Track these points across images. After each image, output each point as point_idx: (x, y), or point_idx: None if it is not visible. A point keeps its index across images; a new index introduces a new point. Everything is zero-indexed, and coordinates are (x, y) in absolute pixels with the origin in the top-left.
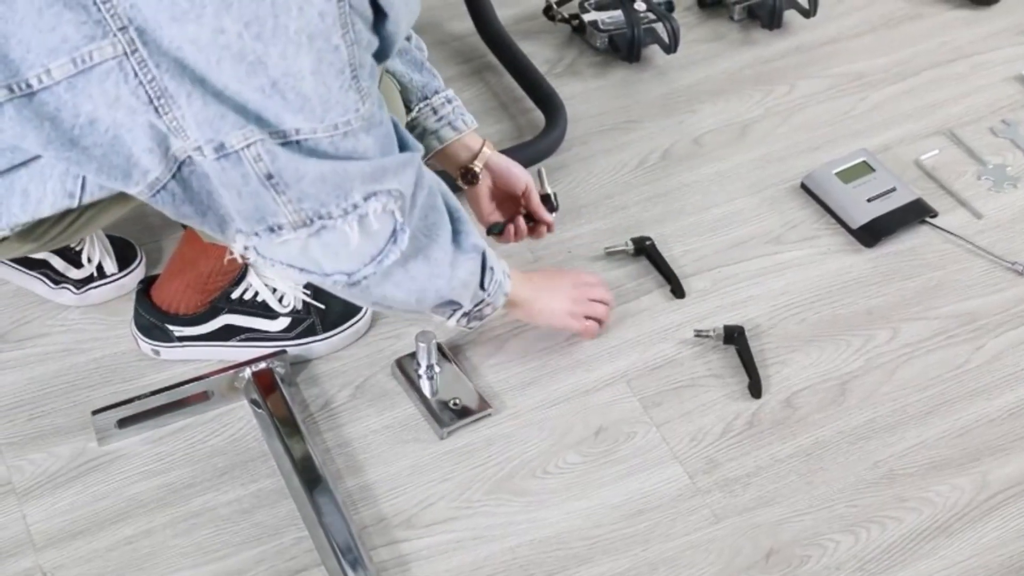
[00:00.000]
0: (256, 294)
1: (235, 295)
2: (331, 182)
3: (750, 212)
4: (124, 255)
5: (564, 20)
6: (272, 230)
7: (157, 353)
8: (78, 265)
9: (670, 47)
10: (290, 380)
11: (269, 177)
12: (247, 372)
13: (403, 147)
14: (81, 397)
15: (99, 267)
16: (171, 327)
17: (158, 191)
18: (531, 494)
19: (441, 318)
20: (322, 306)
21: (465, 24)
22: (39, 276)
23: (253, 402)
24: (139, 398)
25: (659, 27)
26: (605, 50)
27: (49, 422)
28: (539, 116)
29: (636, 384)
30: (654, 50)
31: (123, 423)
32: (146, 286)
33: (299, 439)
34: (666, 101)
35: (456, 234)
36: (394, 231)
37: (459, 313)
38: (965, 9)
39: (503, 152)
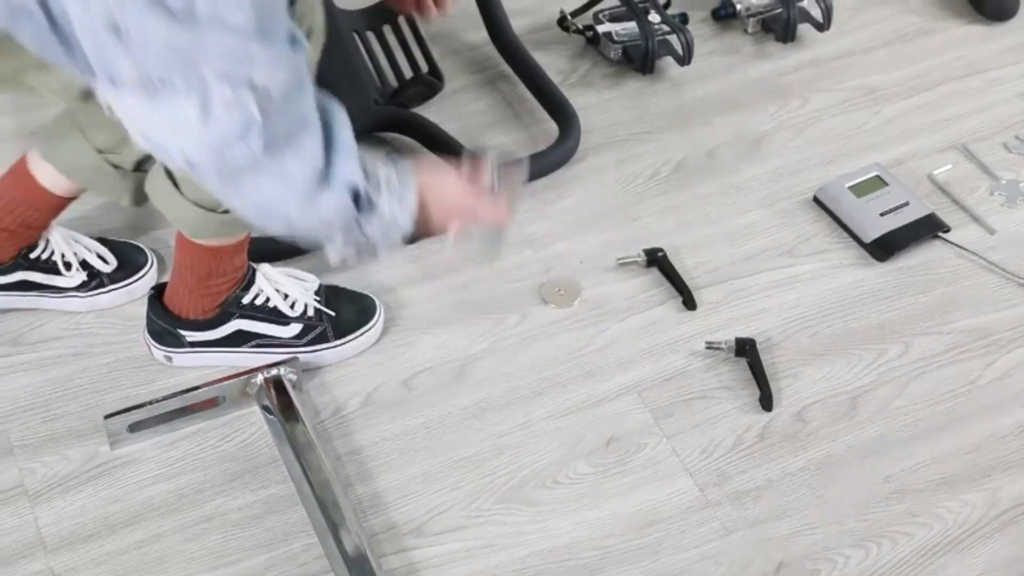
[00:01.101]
0: (268, 299)
1: (246, 300)
2: (181, 48)
3: (763, 225)
4: (132, 259)
5: (578, 31)
6: (113, 81)
7: (169, 359)
8: (56, 272)
9: (684, 59)
10: (301, 386)
11: (115, 26)
12: (259, 378)
13: (292, 42)
14: (94, 401)
15: (94, 269)
16: (183, 332)
17: (20, 15)
18: (541, 504)
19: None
20: (333, 313)
21: (480, 34)
22: (36, 295)
23: (264, 408)
24: (151, 403)
25: (673, 39)
26: (619, 61)
27: (62, 425)
28: (552, 127)
29: (647, 395)
30: (668, 62)
31: (135, 427)
32: (158, 292)
33: (310, 445)
34: (680, 113)
35: (328, 164)
36: (245, 129)
37: (334, 250)
38: (979, 24)
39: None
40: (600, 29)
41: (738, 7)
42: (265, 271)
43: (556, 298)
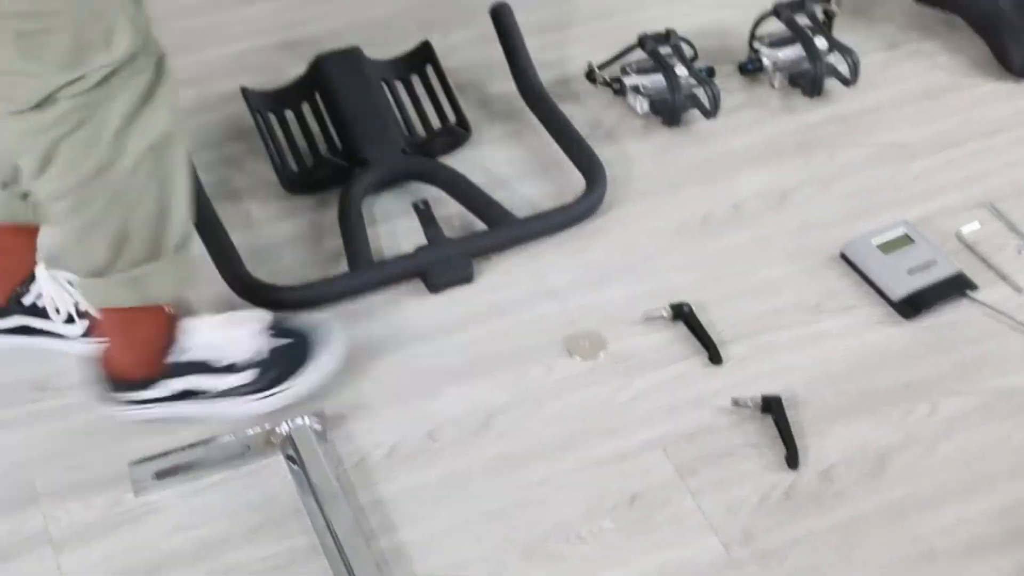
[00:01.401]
0: (200, 356)
1: (179, 359)
2: None
3: (789, 280)
4: None
5: (605, 83)
6: None
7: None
8: (48, 317)
9: (711, 112)
10: (326, 436)
11: None
12: (284, 427)
13: None
14: (119, 448)
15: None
16: (125, 392)
17: None
18: (564, 559)
19: None
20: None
21: (507, 85)
22: (41, 339)
23: (289, 458)
24: (176, 451)
25: (700, 92)
26: (646, 114)
27: (86, 472)
28: (579, 178)
29: (672, 451)
30: (695, 115)
31: (160, 475)
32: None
33: (333, 496)
34: (706, 166)
35: None
36: None
37: None
38: (1006, 82)
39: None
40: (627, 82)
41: (765, 62)
42: (195, 326)
43: (581, 350)
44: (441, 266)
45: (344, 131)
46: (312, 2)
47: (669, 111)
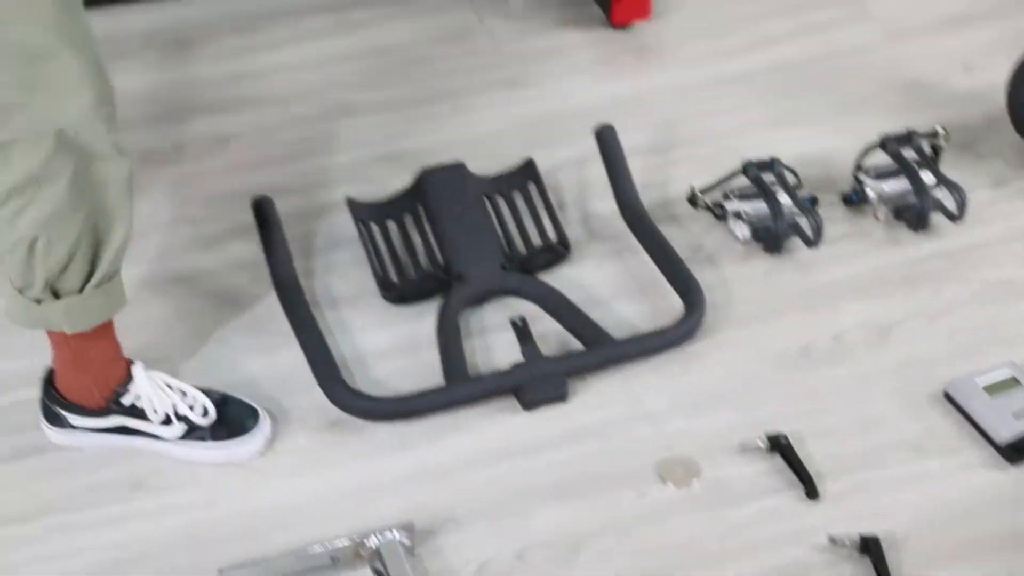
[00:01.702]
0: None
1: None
2: None
3: (890, 416)
4: (238, 417)
5: (707, 208)
6: None
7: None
8: (146, 418)
9: (813, 242)
10: (414, 551)
11: None
12: (372, 540)
13: None
14: (210, 553)
15: (191, 422)
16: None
17: None
18: None
19: None
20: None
21: (608, 204)
22: (139, 439)
23: (376, 572)
24: (266, 560)
25: (802, 221)
26: (747, 240)
27: None
28: (677, 302)
29: None
30: (796, 243)
31: None
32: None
33: None
34: (807, 295)
35: None
36: None
37: None
38: None
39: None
40: (729, 207)
41: (870, 193)
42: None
43: (674, 477)
44: (536, 384)
45: (445, 245)
46: (418, 116)
47: (771, 238)
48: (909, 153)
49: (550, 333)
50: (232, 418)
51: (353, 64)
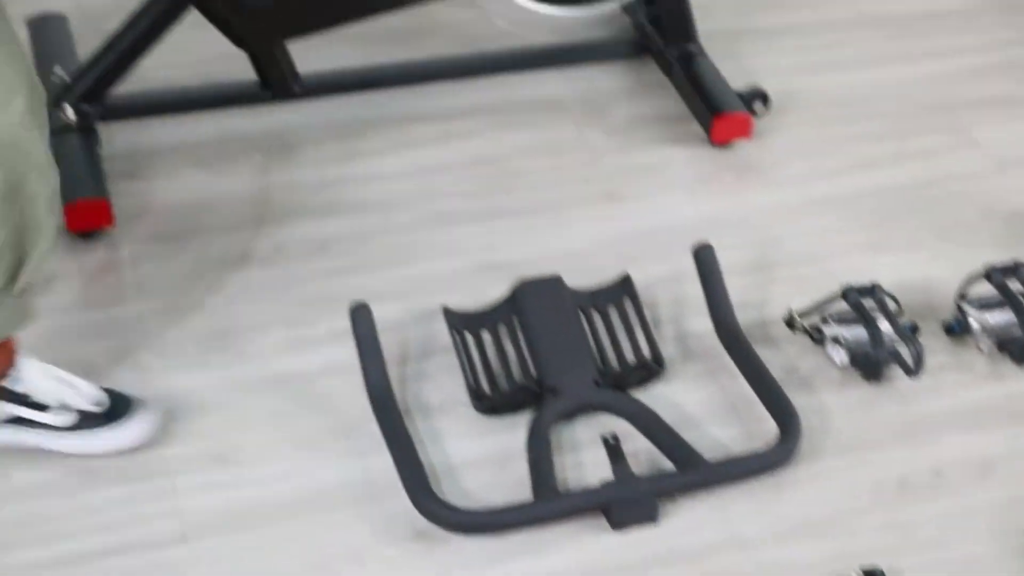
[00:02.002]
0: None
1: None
2: None
3: (992, 559)
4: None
5: (805, 331)
6: None
7: None
8: (42, 408)
9: (913, 371)
10: None
11: None
12: None
13: None
14: None
15: (84, 411)
16: None
17: None
18: None
19: None
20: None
21: (704, 323)
22: (32, 432)
23: None
24: None
25: (902, 349)
26: (845, 366)
27: None
28: (772, 426)
29: None
30: (895, 372)
31: None
32: None
33: None
34: (906, 426)
35: None
36: None
37: None
38: None
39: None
40: (827, 331)
41: (973, 324)
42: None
43: None
44: (626, 504)
45: (538, 358)
46: (516, 227)
47: (869, 365)
48: (1015, 285)
49: (642, 451)
50: (117, 407)
51: (453, 173)
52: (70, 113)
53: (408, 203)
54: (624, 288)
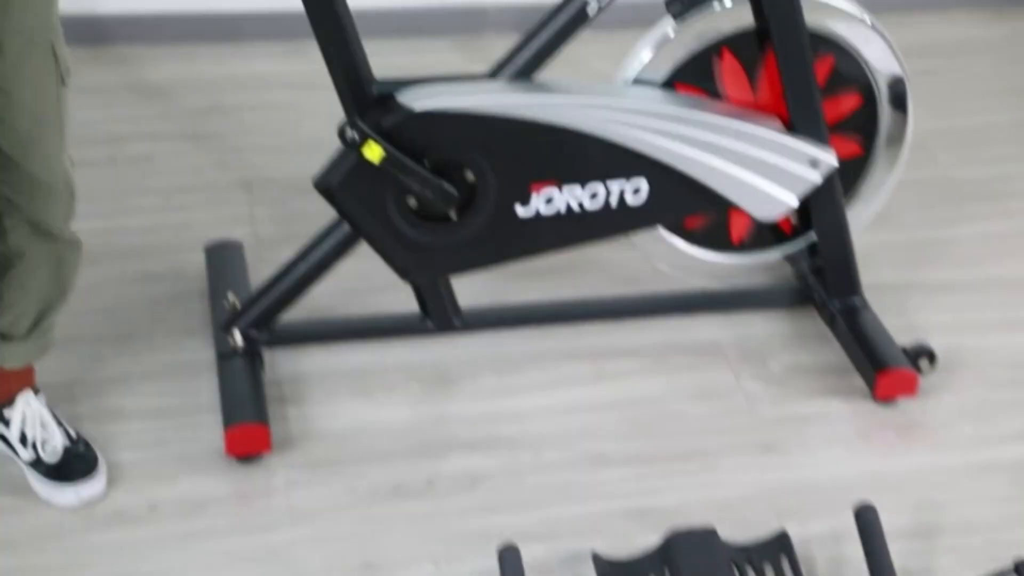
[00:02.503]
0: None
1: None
2: None
3: None
4: (79, 459)
5: None
6: None
7: None
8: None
9: None
10: None
11: None
12: None
13: None
14: None
15: (38, 455)
16: None
17: None
18: None
19: None
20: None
21: None
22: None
23: None
24: None
25: None
26: None
27: None
28: None
29: None
30: None
31: None
32: None
33: None
34: None
35: None
36: None
37: None
38: None
39: None
40: None
41: None
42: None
43: None
44: None
45: None
46: (669, 472)
47: None
48: None
49: None
50: (73, 464)
51: (606, 414)
52: (239, 339)
53: (560, 442)
54: (781, 545)
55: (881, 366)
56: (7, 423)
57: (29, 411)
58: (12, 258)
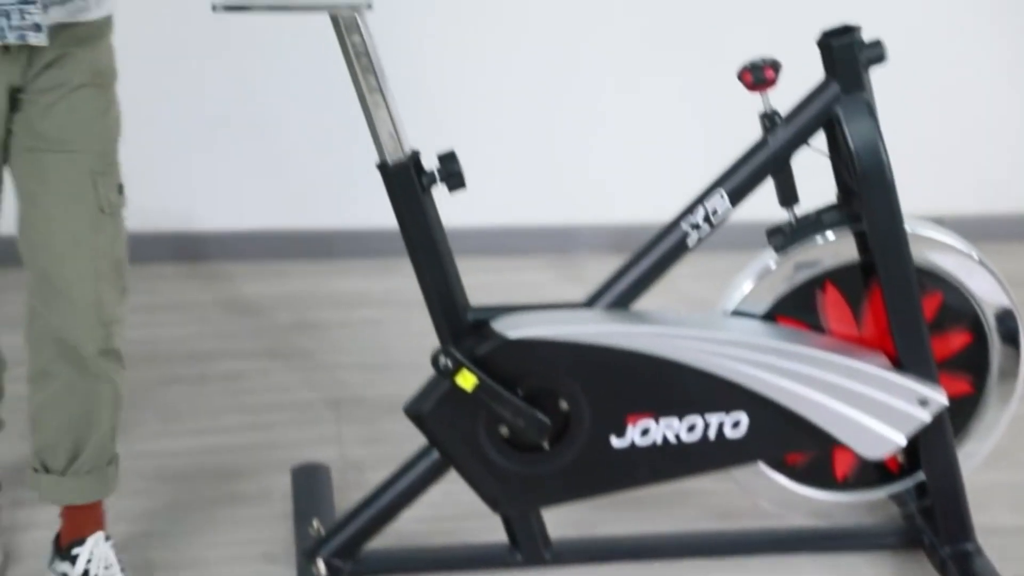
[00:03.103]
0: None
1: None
2: None
3: None
4: None
5: None
6: None
7: None
8: None
9: None
10: None
11: None
12: None
13: None
14: None
15: None
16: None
17: None
18: None
19: None
20: None
21: None
22: None
23: None
24: None
25: None
26: None
27: None
28: None
29: None
30: None
31: None
32: None
33: None
34: None
35: None
36: None
37: None
38: None
39: None
40: None
41: None
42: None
43: None
44: None
45: None
46: None
47: None
48: None
49: None
50: None
51: None
52: (322, 569)
53: None
54: None
55: None
56: (73, 561)
57: (97, 551)
58: (41, 374)
